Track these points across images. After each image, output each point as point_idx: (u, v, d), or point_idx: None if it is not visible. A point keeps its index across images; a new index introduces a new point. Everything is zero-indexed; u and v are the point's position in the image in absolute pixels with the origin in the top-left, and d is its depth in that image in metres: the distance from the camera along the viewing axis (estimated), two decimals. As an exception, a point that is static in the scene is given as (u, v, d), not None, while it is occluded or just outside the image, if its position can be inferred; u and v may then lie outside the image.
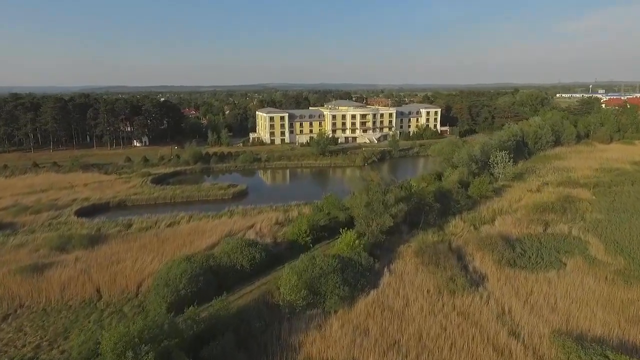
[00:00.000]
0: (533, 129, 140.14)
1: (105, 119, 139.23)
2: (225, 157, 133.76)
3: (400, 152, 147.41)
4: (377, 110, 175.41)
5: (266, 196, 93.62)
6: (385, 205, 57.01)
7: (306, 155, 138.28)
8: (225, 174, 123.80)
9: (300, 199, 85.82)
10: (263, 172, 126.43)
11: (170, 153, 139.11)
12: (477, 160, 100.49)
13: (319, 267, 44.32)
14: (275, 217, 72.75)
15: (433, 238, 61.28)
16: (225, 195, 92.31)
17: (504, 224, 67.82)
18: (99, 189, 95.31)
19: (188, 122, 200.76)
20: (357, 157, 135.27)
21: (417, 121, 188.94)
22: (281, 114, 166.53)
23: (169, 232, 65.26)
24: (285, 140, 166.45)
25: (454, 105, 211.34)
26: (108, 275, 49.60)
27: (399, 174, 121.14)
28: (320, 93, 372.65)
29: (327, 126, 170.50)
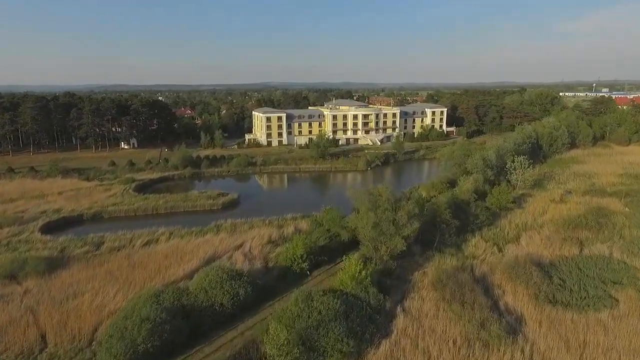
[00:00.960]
0: (548, 131, 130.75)
1: (90, 119, 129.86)
2: (218, 160, 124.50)
3: (405, 155, 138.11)
4: (380, 110, 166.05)
5: (259, 206, 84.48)
6: (396, 225, 47.79)
7: (305, 158, 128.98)
8: (217, 179, 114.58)
9: (298, 209, 76.82)
10: (258, 177, 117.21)
11: (159, 156, 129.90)
12: (492, 166, 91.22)
13: (317, 311, 35.25)
14: (268, 233, 63.58)
15: (451, 262, 52.17)
16: (214, 206, 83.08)
17: (532, 243, 58.69)
18: (75, 198, 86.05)
19: (181, 123, 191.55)
20: (359, 160, 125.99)
21: (422, 121, 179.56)
22: (278, 114, 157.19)
23: (143, 254, 56.04)
24: (282, 142, 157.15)
25: (460, 105, 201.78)
26: (59, 315, 40.52)
27: (405, 180, 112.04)
28: (320, 92, 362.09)
29: (327, 127, 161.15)
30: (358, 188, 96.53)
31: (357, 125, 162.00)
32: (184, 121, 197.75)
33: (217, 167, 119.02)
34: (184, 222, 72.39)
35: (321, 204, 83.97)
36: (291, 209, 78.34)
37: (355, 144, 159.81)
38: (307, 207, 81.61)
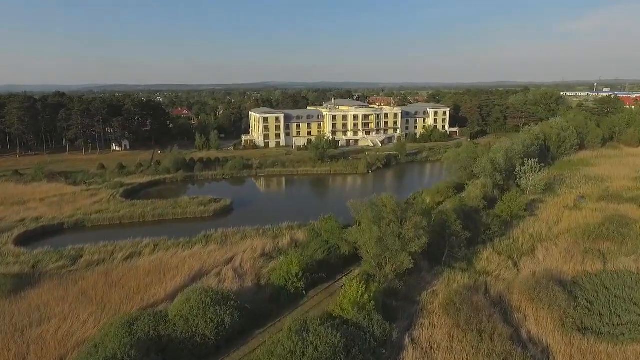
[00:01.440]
0: (555, 131, 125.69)
1: (79, 120, 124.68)
2: (212, 163, 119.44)
3: (407, 157, 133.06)
4: (380, 111, 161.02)
5: (254, 213, 79.47)
6: (402, 240, 42.71)
7: (303, 160, 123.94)
8: (211, 183, 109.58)
9: (294, 217, 72.00)
10: (254, 181, 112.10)
11: (151, 159, 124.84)
12: (501, 170, 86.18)
13: (313, 346, 30.11)
14: (262, 245, 58.56)
15: (463, 279, 47.16)
16: (205, 213, 77.96)
17: (549, 256, 53.63)
18: (58, 204, 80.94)
19: (177, 124, 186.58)
20: (359, 163, 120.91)
21: (424, 122, 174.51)
22: (276, 114, 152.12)
23: (123, 270, 50.93)
24: (280, 143, 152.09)
25: (463, 105, 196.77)
26: (17, 347, 35.42)
27: (408, 184, 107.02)
28: (320, 92, 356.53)
29: (326, 128, 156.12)
30: (359, 193, 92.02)
31: (357, 126, 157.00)
32: (179, 122, 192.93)
33: (211, 170, 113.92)
34: (171, 231, 67.51)
35: (319, 211, 78.98)
36: (287, 216, 73.50)
37: (355, 145, 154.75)
38: (305, 214, 76.71)
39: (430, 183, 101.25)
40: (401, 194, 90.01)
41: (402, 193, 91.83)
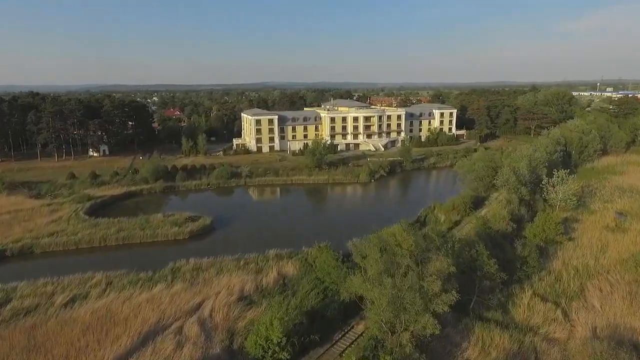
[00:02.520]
0: (577, 135, 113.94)
1: (51, 123, 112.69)
2: (198, 171, 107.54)
3: (413, 164, 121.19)
4: (383, 112, 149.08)
5: (238, 234, 67.77)
6: (424, 296, 30.91)
7: (298, 168, 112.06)
8: (196, 194, 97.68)
9: (285, 240, 60.79)
10: (243, 192, 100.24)
11: (129, 166, 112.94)
12: (525, 182, 74.44)
13: None
14: (241, 283, 46.97)
15: (502, 341, 35.37)
16: (179, 235, 66.08)
17: (607, 302, 41.87)
18: (8, 224, 69.16)
19: (166, 126, 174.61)
20: (361, 170, 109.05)
21: (429, 124, 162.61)
22: (269, 116, 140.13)
23: (55, 324, 39.19)
24: (274, 148, 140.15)
25: (470, 106, 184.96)
26: None
27: (416, 195, 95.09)
28: (318, 91, 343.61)
29: (324, 131, 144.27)
30: (360, 207, 79.63)
31: (357, 129, 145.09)
32: (168, 124, 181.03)
33: (196, 180, 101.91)
34: (135, 260, 55.98)
35: (314, 231, 67.37)
36: (276, 239, 62.12)
37: (355, 149, 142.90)
38: (297, 235, 65.24)
39: (442, 195, 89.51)
40: (409, 209, 78.34)
41: (410, 208, 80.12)
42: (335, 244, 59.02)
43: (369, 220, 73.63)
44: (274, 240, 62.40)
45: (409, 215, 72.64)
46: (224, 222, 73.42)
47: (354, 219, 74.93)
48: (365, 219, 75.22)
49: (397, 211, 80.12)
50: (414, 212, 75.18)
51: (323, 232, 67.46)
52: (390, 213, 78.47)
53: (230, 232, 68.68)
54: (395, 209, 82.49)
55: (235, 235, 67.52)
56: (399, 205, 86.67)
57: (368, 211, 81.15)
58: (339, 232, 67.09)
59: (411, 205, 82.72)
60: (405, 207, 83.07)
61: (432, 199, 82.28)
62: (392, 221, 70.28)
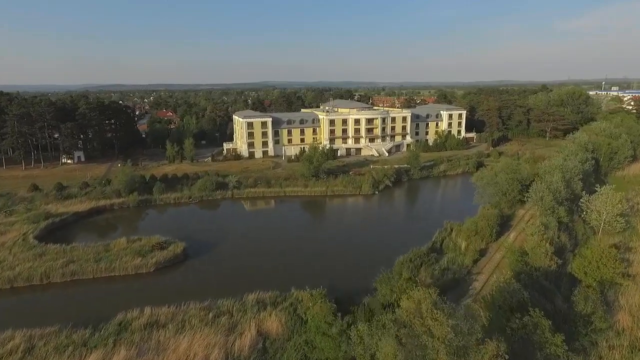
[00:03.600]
0: (605, 140, 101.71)
1: (17, 127, 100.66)
2: (180, 180, 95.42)
3: (421, 172, 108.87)
4: (387, 114, 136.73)
5: (213, 267, 55.71)
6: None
7: (293, 176, 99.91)
8: (175, 208, 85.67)
9: (270, 278, 48.87)
10: (229, 206, 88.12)
11: (103, 175, 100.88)
12: (561, 200, 62.27)
13: None
14: (205, 349, 34.85)
15: None
16: (142, 267, 53.92)
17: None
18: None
19: (153, 129, 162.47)
20: (363, 180, 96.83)
21: (436, 126, 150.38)
22: (262, 118, 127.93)
23: None
24: (268, 153, 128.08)
25: (479, 106, 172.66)
26: None
27: (427, 211, 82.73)
28: (317, 91, 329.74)
29: (323, 134, 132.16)
30: (363, 226, 65.71)
31: (359, 132, 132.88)
32: (155, 126, 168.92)
33: (176, 192, 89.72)
34: (78, 306, 44.46)
35: (307, 263, 55.32)
36: (259, 274, 50.45)
37: (357, 155, 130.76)
38: (286, 269, 53.40)
39: (457, 211, 77.38)
40: (421, 231, 66.05)
41: (421, 229, 67.96)
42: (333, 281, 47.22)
43: (373, 247, 61.51)
44: (256, 276, 50.63)
45: (421, 240, 60.68)
46: (199, 248, 61.19)
47: (356, 245, 62.77)
48: (369, 245, 63.06)
49: (407, 234, 67.99)
50: (426, 234, 63.12)
51: (318, 263, 55.41)
52: (399, 237, 66.37)
53: (205, 264, 56.47)
54: (405, 231, 70.30)
55: (211, 268, 55.38)
56: (408, 224, 74.46)
57: (372, 233, 68.99)
58: (337, 262, 55.04)
59: (423, 225, 70.55)
60: (415, 228, 70.90)
61: (446, 217, 70.23)
62: (401, 250, 58.41)
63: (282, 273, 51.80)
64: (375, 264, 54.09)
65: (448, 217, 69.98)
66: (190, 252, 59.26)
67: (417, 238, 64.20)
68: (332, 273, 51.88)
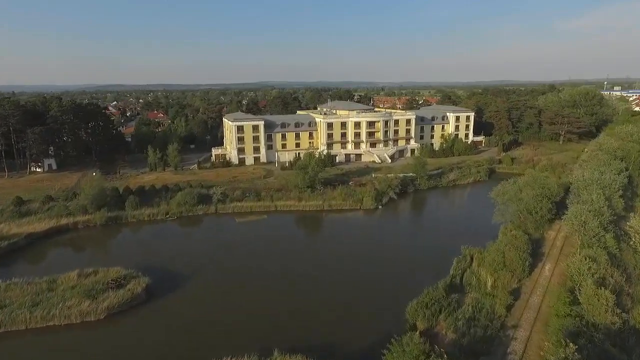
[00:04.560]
0: (634, 146, 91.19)
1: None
2: (158, 192, 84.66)
3: (429, 181, 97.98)
4: (389, 116, 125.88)
5: (180, 309, 44.84)
6: None
7: (286, 187, 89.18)
8: (151, 225, 74.95)
9: (253, 330, 38.17)
10: (211, 224, 77.41)
11: (75, 186, 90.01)
12: (605, 224, 51.58)
13: None
14: None
15: None
16: (90, 314, 43.07)
17: None
18: None
19: (138, 132, 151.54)
20: (365, 191, 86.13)
21: (442, 129, 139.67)
22: (254, 121, 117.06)
23: None
24: (260, 159, 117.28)
25: (487, 108, 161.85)
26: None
27: (439, 230, 71.51)
28: (315, 91, 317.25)
29: (320, 139, 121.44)
30: (365, 252, 54.22)
31: (359, 136, 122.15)
32: (142, 130, 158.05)
33: (153, 208, 78.80)
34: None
35: (296, 309, 44.49)
36: (236, 329, 39.51)
37: (357, 161, 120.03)
38: (268, 321, 42.64)
39: (474, 229, 67.07)
40: (435, 259, 55.33)
41: (435, 256, 57.26)
42: (329, 337, 36.69)
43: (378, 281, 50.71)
44: (232, 328, 39.83)
45: (435, 269, 50.29)
46: (167, 284, 50.34)
47: (356, 281, 51.87)
48: (372, 278, 52.20)
49: (418, 261, 57.20)
50: (442, 264, 52.58)
51: (311, 309, 44.66)
52: (408, 265, 55.67)
53: (169, 308, 45.55)
54: (414, 257, 59.42)
55: (177, 309, 44.64)
56: (417, 248, 63.61)
57: (375, 261, 58.11)
58: (334, 308, 44.27)
59: (436, 251, 59.80)
60: (427, 253, 60.10)
61: (462, 238, 59.80)
62: (411, 284, 47.80)
63: (264, 323, 41.01)
64: (381, 308, 43.58)
65: (464, 238, 59.50)
66: (154, 290, 48.51)
67: (430, 266, 53.77)
68: (326, 325, 41.17)
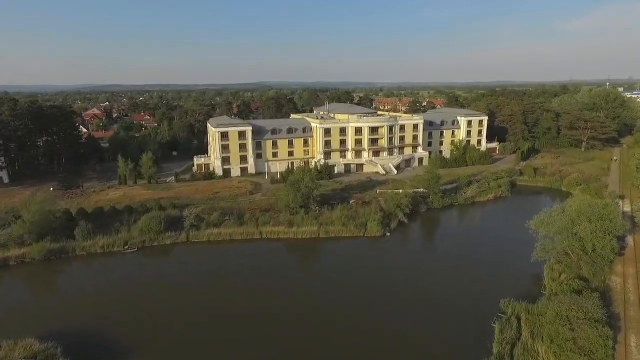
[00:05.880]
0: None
1: None
2: (120, 215, 70.05)
3: (443, 199, 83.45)
4: (395, 121, 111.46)
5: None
6: None
7: (275, 207, 74.76)
8: (105, 259, 60.38)
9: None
10: (179, 259, 62.82)
11: (24, 205, 75.07)
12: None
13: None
14: None
15: None
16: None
17: None
18: None
19: (115, 138, 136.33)
20: (369, 214, 71.76)
21: (452, 135, 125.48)
22: (240, 127, 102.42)
23: None
24: (248, 170, 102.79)
25: (499, 110, 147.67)
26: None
27: (464, 271, 56.30)
28: (311, 92, 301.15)
29: (316, 146, 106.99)
30: (374, 302, 38.29)
31: (361, 144, 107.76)
32: (119, 135, 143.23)
33: (110, 235, 64.16)
34: None
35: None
36: None
37: (358, 171, 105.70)
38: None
39: (508, 266, 52.93)
40: (463, 312, 41.09)
41: (463, 306, 42.84)
42: None
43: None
44: None
45: (470, 332, 35.98)
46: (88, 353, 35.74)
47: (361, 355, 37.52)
48: (384, 350, 37.56)
49: (444, 320, 42.58)
50: (475, 322, 38.30)
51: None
52: (432, 327, 41.06)
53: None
54: (438, 313, 44.85)
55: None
56: (441, 300, 48.78)
57: (387, 319, 43.67)
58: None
59: (465, 300, 45.40)
60: (455, 308, 45.44)
61: (497, 284, 45.68)
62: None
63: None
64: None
65: (499, 281, 45.45)
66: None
67: (460, 328, 39.38)
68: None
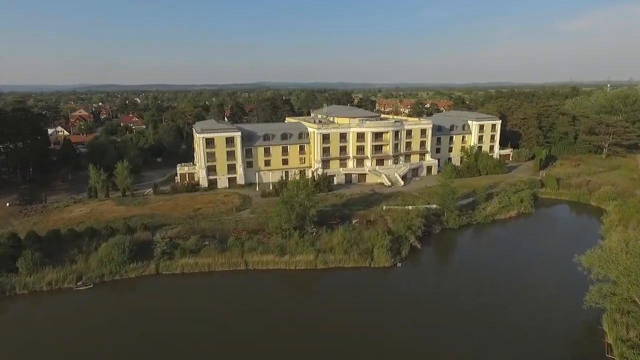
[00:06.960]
0: None
1: None
2: (80, 239, 58.63)
3: (459, 217, 72.28)
4: (401, 125, 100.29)
5: None
6: None
7: (265, 229, 63.57)
8: (54, 296, 49.02)
9: None
10: (143, 298, 51.58)
11: None
12: None
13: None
14: None
15: None
16: None
17: None
18: None
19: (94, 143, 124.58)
20: (375, 238, 60.58)
21: (462, 141, 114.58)
22: (227, 132, 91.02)
23: None
24: (237, 181, 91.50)
25: (511, 114, 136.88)
26: None
27: (494, 318, 44.93)
28: (309, 92, 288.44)
29: (313, 154, 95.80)
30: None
31: (363, 151, 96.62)
32: (99, 139, 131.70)
33: (63, 267, 52.76)
34: None
35: None
36: None
37: (360, 182, 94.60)
38: None
39: (550, 313, 41.91)
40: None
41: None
42: None
43: None
44: None
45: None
46: None
47: None
48: None
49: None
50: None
51: None
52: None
53: None
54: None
55: None
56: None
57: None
58: None
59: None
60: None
61: (542, 343, 34.64)
62: None
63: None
64: None
65: (544, 338, 34.25)
66: None
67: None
68: None
